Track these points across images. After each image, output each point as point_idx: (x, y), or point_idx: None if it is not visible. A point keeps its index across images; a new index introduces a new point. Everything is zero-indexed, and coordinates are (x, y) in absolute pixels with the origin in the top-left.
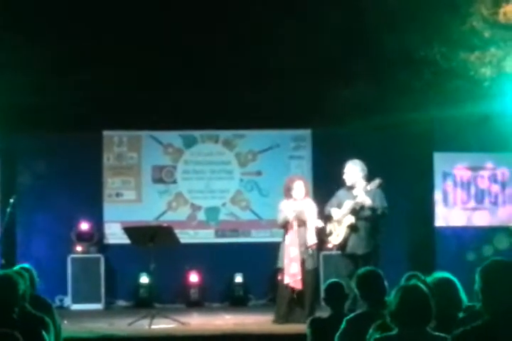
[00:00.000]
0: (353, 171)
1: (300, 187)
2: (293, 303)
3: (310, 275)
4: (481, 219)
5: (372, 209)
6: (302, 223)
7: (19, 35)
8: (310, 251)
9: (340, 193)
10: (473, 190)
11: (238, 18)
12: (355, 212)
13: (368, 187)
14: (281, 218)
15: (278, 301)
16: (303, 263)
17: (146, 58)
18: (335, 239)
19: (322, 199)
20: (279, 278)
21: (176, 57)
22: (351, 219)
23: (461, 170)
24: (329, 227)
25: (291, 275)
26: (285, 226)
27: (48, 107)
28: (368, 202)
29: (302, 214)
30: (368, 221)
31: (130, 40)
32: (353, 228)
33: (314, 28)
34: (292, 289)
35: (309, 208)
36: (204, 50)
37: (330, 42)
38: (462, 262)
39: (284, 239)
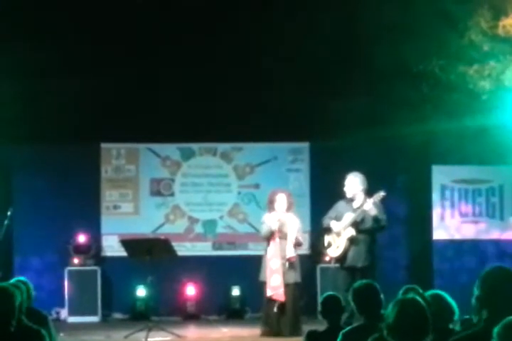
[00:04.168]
0: (354, 183)
1: (282, 200)
2: (278, 316)
3: (290, 289)
4: (479, 232)
5: (376, 219)
6: (283, 236)
7: (17, 43)
8: (287, 264)
9: (339, 205)
10: (471, 202)
11: (237, 30)
12: (356, 224)
13: (373, 200)
14: (265, 229)
15: (263, 314)
16: (283, 276)
17: (145, 70)
18: (334, 251)
19: (320, 212)
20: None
21: (174, 69)
22: (352, 232)
23: (459, 183)
24: (328, 239)
25: (273, 287)
26: (268, 238)
27: (46, 119)
28: (373, 211)
29: (284, 226)
30: (367, 234)
31: (128, 51)
32: (353, 240)
33: (312, 41)
34: (275, 302)
35: (291, 222)
36: (202, 62)
37: (328, 55)
38: (460, 276)
39: (266, 252)
